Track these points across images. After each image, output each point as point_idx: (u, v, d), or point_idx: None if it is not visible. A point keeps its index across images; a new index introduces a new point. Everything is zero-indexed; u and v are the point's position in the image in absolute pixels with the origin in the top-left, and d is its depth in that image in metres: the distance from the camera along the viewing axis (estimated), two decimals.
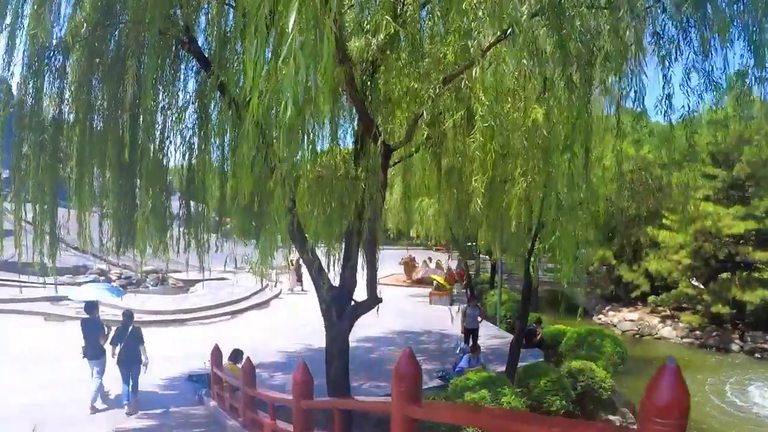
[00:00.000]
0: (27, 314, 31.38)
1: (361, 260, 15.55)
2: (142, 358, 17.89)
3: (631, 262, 44.32)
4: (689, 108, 10.84)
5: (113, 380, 18.45)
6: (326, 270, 15.55)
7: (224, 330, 29.03)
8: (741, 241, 37.47)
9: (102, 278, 39.79)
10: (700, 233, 38.15)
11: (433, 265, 47.97)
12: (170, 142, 15.23)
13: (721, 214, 37.25)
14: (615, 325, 42.02)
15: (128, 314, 18.83)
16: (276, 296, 39.05)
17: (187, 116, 15.16)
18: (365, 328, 23.19)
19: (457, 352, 24.19)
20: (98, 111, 14.54)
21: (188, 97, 15.26)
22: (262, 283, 14.18)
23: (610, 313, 44.99)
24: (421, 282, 43.89)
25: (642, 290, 43.42)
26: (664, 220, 39.06)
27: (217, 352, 17.30)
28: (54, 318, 30.69)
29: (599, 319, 44.42)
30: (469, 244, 46.28)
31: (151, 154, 14.39)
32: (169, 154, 15.33)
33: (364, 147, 13.71)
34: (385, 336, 27.62)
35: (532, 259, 21.07)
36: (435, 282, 39.87)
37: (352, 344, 16.40)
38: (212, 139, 15.22)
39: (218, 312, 32.86)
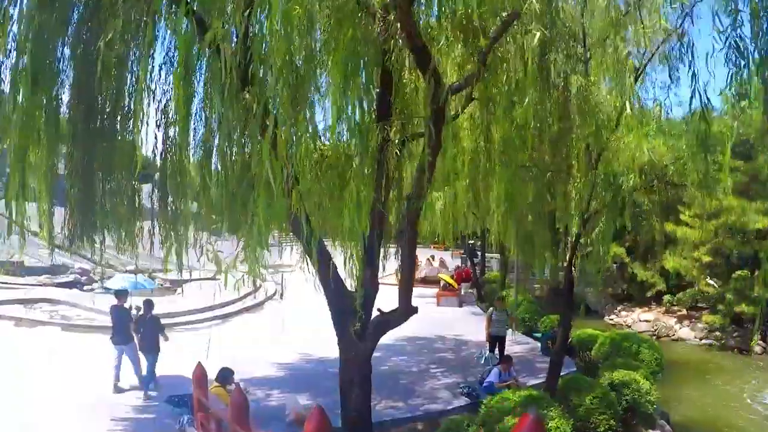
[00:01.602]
0: None
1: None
2: (159, 346, 18.28)
3: (645, 259, 40.74)
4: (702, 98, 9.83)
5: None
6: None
7: (214, 335, 24.82)
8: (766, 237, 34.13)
9: (84, 278, 37.58)
10: (721, 229, 35.31)
11: (436, 264, 44.65)
12: (142, 113, 11.88)
13: (746, 209, 34.43)
14: (629, 326, 39.01)
15: (149, 303, 18.94)
16: (271, 297, 35.22)
17: (161, 75, 12.73)
18: None
19: (481, 362, 21.37)
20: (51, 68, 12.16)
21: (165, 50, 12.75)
22: (248, 284, 12.08)
23: (623, 313, 41.89)
24: (426, 281, 39.83)
25: (657, 289, 40.23)
26: (681, 216, 36.64)
27: (200, 373, 13.54)
28: (25, 323, 27.17)
29: (611, 319, 41.45)
30: (471, 242, 43.29)
31: (117, 125, 12.76)
32: (139, 126, 12.08)
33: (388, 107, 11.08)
34: (393, 344, 23.55)
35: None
36: (442, 282, 36.07)
37: None
38: (195, 107, 12.41)
39: (208, 315, 29.57)
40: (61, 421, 15.42)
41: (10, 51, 11.66)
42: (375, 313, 12.57)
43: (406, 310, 12.22)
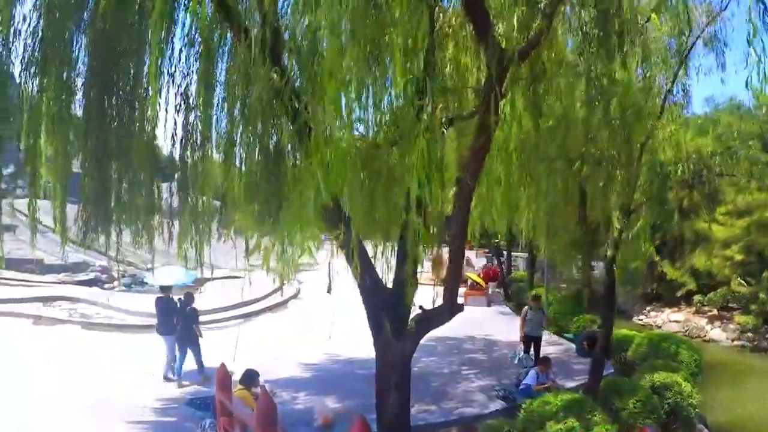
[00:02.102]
0: (15, 317, 27.44)
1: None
2: (198, 336, 18.86)
3: (674, 258, 39.56)
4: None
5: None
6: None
7: (237, 334, 24.34)
8: None
9: (104, 276, 37.32)
10: (754, 226, 34.16)
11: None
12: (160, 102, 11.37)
13: None
14: (659, 327, 38.01)
15: (188, 296, 19.54)
16: (294, 296, 34.41)
17: (180, 58, 11.84)
18: None
19: (515, 362, 20.51)
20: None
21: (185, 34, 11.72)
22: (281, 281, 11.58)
23: (652, 313, 40.81)
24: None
25: (687, 288, 38.76)
26: (712, 213, 35.45)
27: (223, 374, 12.74)
28: (43, 321, 26.71)
29: (640, 319, 40.39)
30: (496, 240, 42.38)
31: (134, 113, 12.07)
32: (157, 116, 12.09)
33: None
34: (423, 344, 22.15)
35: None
36: (470, 280, 34.99)
37: (372, 354, 12.58)
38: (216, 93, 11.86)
39: (229, 315, 28.64)
40: (78, 422, 14.88)
41: (18, 32, 11.03)
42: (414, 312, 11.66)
43: (451, 308, 11.27)
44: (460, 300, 30.10)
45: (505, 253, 44.79)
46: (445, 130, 10.39)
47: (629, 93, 12.89)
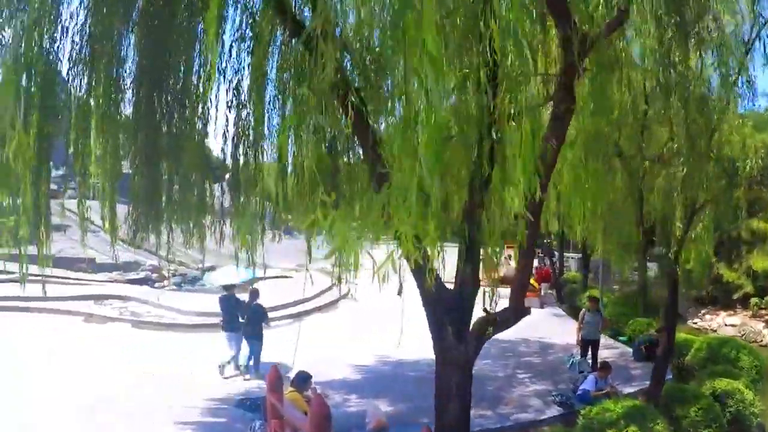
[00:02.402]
0: (65, 314, 27.42)
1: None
2: (263, 333, 19.16)
3: (731, 259, 38.30)
4: None
5: None
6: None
7: (286, 335, 23.88)
8: None
9: (155, 275, 37.48)
10: None
11: (513, 263, 42.86)
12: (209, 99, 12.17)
13: None
14: (714, 331, 36.43)
15: (254, 292, 19.89)
16: (345, 296, 33.73)
17: (231, 54, 11.80)
18: None
19: (568, 366, 19.93)
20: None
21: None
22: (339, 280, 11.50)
23: (707, 316, 39.33)
24: (503, 281, 38.02)
25: (744, 291, 37.39)
26: None
27: (275, 376, 12.32)
28: (94, 319, 26.74)
29: (695, 323, 38.92)
30: (547, 240, 41.76)
31: (186, 112, 12.05)
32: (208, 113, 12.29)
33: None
34: None
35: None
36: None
37: (428, 355, 12.39)
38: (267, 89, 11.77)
39: (279, 314, 28.12)
40: (127, 422, 14.74)
41: (66, 30, 10.79)
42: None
43: (518, 310, 10.78)
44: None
45: (556, 253, 44.06)
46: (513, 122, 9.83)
47: (702, 84, 12.32)
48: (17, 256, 10.64)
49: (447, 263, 10.71)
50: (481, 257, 11.86)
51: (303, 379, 13.23)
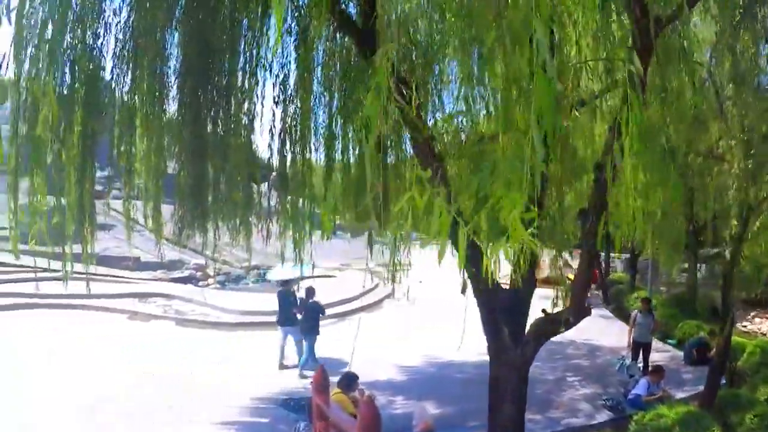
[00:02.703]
0: (110, 311, 27.71)
1: None
2: (319, 329, 19.60)
3: None
4: None
5: None
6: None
7: (331, 334, 23.54)
8: None
9: (199, 273, 37.44)
10: None
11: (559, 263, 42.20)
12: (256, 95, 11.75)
13: None
14: (765, 334, 35.23)
15: (310, 289, 20.23)
16: (389, 296, 33.45)
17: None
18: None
19: (617, 368, 19.28)
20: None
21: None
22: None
23: (757, 319, 38.23)
24: (548, 282, 37.39)
25: None
26: None
27: (321, 377, 12.13)
28: (139, 317, 27.00)
29: (744, 326, 37.72)
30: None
31: (232, 108, 11.66)
32: (254, 109, 11.82)
33: None
34: None
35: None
36: (568, 282, 33.64)
37: (474, 357, 13.59)
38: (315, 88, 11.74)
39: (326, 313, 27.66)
40: (169, 420, 14.63)
41: (108, 26, 10.65)
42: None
43: (579, 311, 10.38)
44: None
45: (602, 253, 43.28)
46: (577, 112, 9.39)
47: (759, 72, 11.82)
48: (61, 254, 10.57)
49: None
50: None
51: (350, 381, 12.92)
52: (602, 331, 24.37)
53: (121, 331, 24.30)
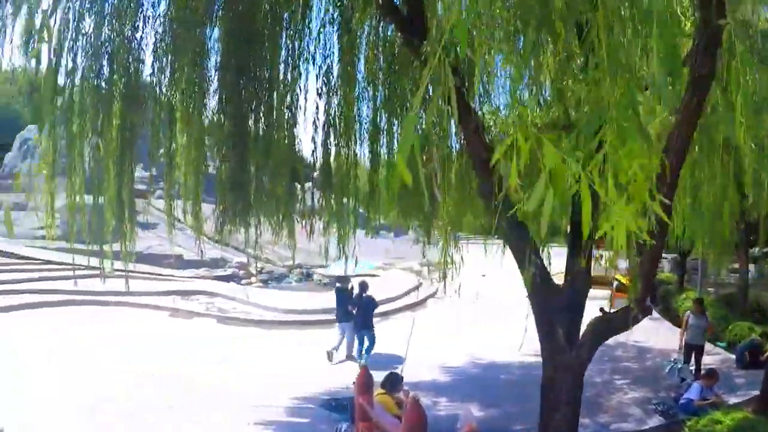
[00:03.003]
0: (152, 309, 27.85)
1: None
2: (373, 323, 20.28)
3: None
4: None
5: None
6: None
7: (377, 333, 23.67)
8: None
9: (242, 272, 37.55)
10: None
11: (603, 263, 41.28)
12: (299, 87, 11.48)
13: None
14: None
15: (363, 284, 20.82)
16: (432, 295, 33.18)
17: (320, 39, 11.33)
18: (533, 340, 18.47)
19: (667, 372, 18.56)
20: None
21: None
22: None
23: None
24: (596, 282, 36.48)
25: None
26: None
27: (365, 377, 11.82)
28: (180, 314, 27.02)
29: None
30: (642, 240, 40.29)
31: (274, 102, 11.41)
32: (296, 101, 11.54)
33: None
34: None
35: None
36: (616, 282, 32.95)
37: (519, 358, 13.55)
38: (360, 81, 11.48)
39: None
40: (209, 420, 14.33)
41: (147, 19, 10.49)
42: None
43: (640, 309, 9.86)
44: (603, 303, 28.60)
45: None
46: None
47: None
48: (99, 252, 10.45)
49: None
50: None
51: (394, 381, 12.43)
52: (651, 332, 23.71)
53: (162, 329, 24.33)
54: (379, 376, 12.49)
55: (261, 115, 11.24)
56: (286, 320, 25.84)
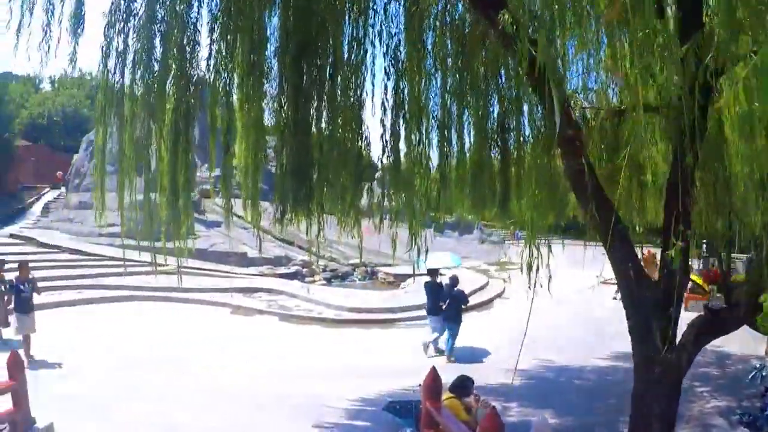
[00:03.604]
0: (212, 305, 27.88)
1: None
2: (462, 317, 20.30)
3: None
4: None
5: None
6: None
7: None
8: None
9: (305, 270, 37.49)
10: None
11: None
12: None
13: None
14: None
15: (454, 278, 20.87)
16: (499, 295, 32.42)
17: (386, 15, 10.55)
18: (605, 343, 19.89)
19: (749, 379, 16.32)
20: None
21: None
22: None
23: None
24: None
25: None
26: None
27: (433, 380, 10.77)
28: (241, 311, 26.77)
29: None
30: (713, 239, 38.76)
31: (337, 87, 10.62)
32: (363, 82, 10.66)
33: None
34: None
35: None
36: (690, 283, 31.61)
37: (591, 362, 13.61)
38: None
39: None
40: (262, 420, 13.74)
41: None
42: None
43: (755, 306, 8.94)
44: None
45: (722, 252, 40.78)
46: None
47: None
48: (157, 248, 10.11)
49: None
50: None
51: (465, 385, 11.53)
52: (730, 336, 22.52)
53: (221, 325, 24.30)
54: (459, 370, 11.89)
55: (324, 96, 10.44)
56: (349, 318, 25.35)
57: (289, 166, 10.67)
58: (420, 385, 11.34)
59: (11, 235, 37.99)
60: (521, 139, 11.21)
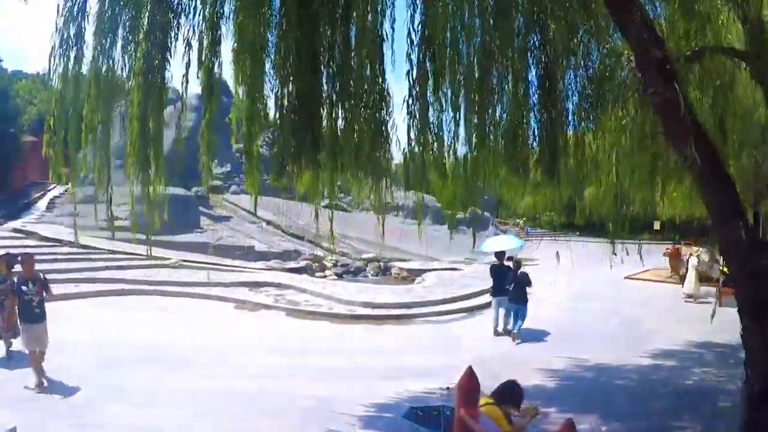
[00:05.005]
0: (221, 300, 26.28)
1: None
2: (527, 297, 20.47)
3: None
4: None
5: None
6: None
7: (458, 331, 21.95)
8: None
9: (315, 264, 36.37)
10: None
11: (705, 257, 37.38)
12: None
13: None
14: None
15: (518, 262, 21.25)
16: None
17: None
18: (643, 339, 18.99)
19: None
20: None
21: None
22: None
23: None
24: (700, 279, 32.96)
25: None
26: None
27: (469, 381, 8.18)
28: (247, 306, 25.25)
29: None
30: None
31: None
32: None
33: None
34: (686, 351, 18.22)
35: None
36: (723, 277, 29.44)
37: (630, 359, 13.10)
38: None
39: (451, 308, 25.52)
40: (272, 423, 12.05)
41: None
42: None
43: None
44: (704, 301, 25.28)
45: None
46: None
47: None
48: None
49: None
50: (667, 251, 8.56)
51: (513, 393, 9.14)
52: None
53: (225, 320, 23.16)
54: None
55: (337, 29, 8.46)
56: (361, 314, 23.70)
57: (291, 106, 8.41)
58: (449, 387, 9.31)
59: (14, 230, 36.68)
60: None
